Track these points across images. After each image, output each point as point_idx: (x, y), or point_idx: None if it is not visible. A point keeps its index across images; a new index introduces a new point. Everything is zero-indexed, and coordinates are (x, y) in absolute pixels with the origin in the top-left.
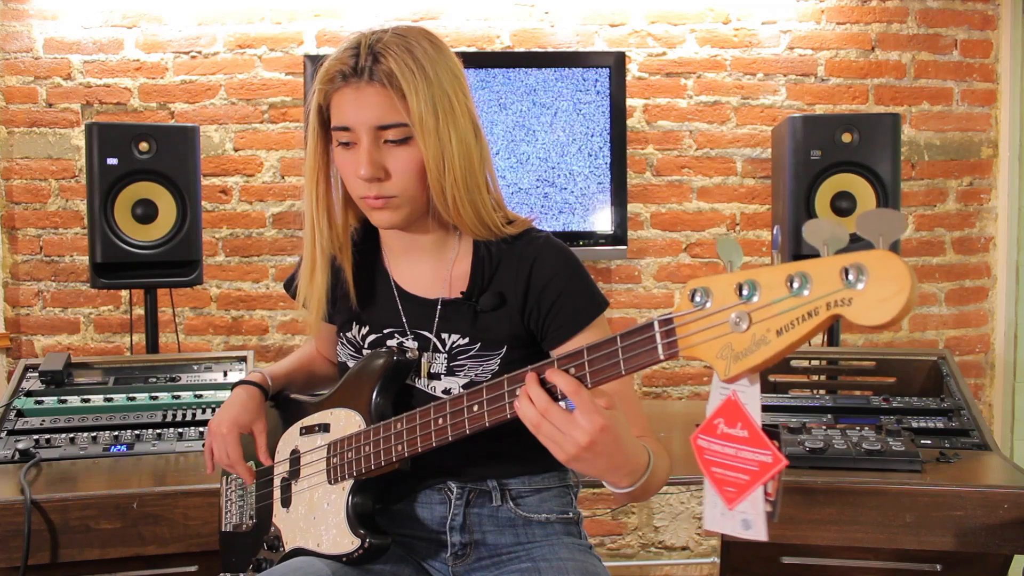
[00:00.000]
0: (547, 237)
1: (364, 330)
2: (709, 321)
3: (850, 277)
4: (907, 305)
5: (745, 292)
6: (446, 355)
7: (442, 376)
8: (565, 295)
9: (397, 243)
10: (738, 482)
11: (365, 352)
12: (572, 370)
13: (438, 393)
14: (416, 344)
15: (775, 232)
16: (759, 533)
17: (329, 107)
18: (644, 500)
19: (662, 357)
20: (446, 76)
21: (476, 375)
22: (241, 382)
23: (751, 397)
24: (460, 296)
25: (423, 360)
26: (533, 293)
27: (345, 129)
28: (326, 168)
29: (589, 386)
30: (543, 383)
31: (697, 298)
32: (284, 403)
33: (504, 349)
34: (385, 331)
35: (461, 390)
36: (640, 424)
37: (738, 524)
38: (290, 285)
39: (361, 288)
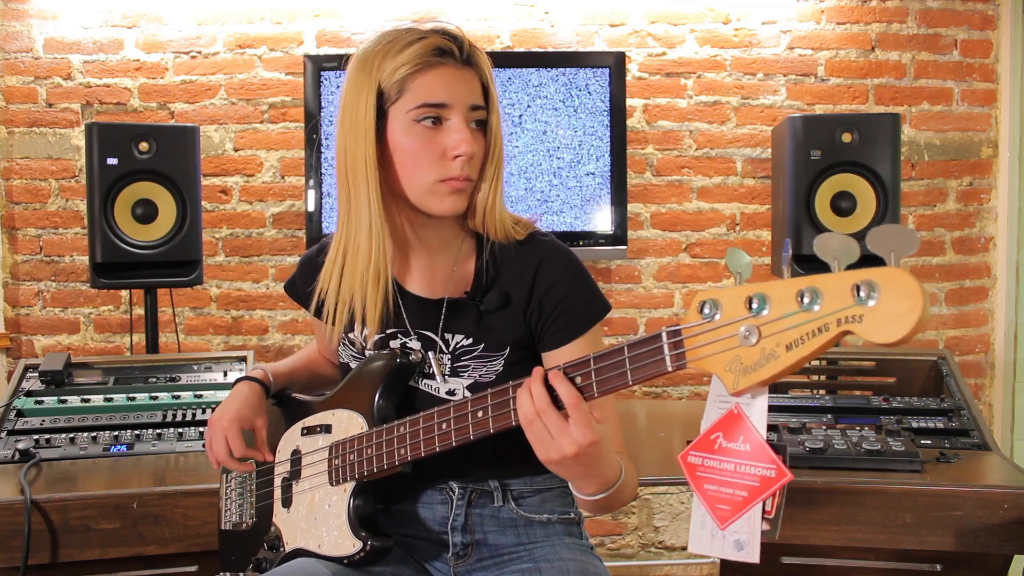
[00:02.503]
0: (552, 239)
1: (366, 331)
2: (718, 334)
3: (862, 294)
4: (919, 324)
5: (755, 305)
6: (450, 356)
7: (446, 377)
8: (567, 301)
9: (407, 243)
10: (734, 499)
11: (368, 353)
12: (579, 378)
13: (441, 394)
14: (419, 344)
15: (785, 245)
16: (752, 555)
17: (400, 88)
18: (604, 513)
19: (670, 368)
20: None
21: (480, 376)
22: (243, 378)
23: (757, 410)
24: (465, 295)
25: (433, 360)
26: (537, 295)
27: (439, 106)
28: (378, 155)
29: (596, 395)
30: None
31: (706, 310)
32: (285, 402)
33: (508, 350)
34: (387, 331)
35: (465, 391)
36: (618, 439)
37: (729, 545)
38: (292, 288)
39: None
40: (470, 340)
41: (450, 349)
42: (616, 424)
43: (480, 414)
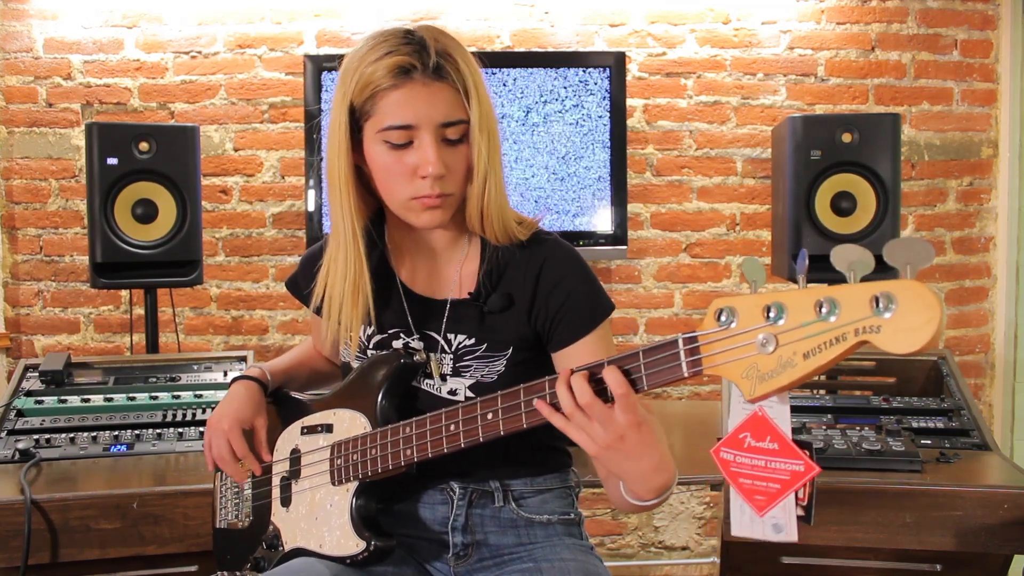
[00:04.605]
0: (555, 239)
1: (369, 330)
2: (735, 341)
3: (880, 305)
4: (936, 334)
5: (772, 314)
6: (452, 356)
7: (448, 377)
8: (572, 298)
9: (410, 244)
10: (768, 491)
11: (370, 353)
12: (593, 384)
13: (443, 394)
14: (422, 345)
15: (801, 254)
16: (790, 535)
17: (370, 107)
18: (642, 512)
19: (686, 374)
20: (484, 79)
21: (482, 376)
22: (240, 377)
23: (780, 413)
24: (468, 296)
25: (432, 360)
26: (541, 295)
27: (405, 128)
28: (354, 172)
29: (611, 399)
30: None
31: (723, 317)
32: (283, 401)
33: (510, 350)
34: (390, 331)
35: (467, 391)
36: None
37: (769, 528)
38: (294, 285)
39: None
40: (472, 340)
41: (452, 349)
42: None
43: (490, 416)
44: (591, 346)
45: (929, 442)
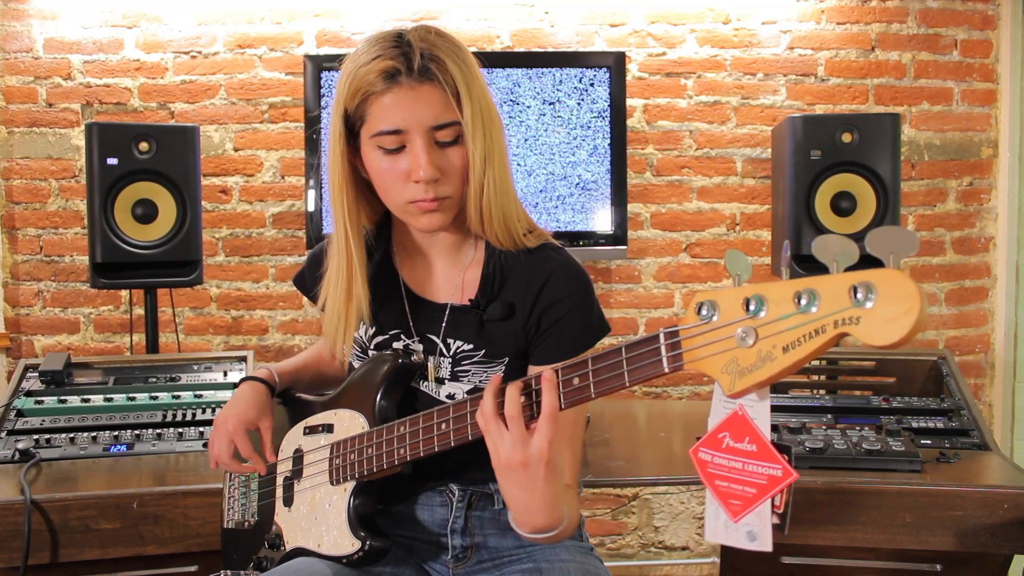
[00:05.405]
0: (566, 256)
1: (371, 331)
2: (715, 335)
3: (859, 295)
4: (916, 326)
5: (752, 307)
6: (451, 360)
7: (446, 381)
8: (565, 321)
9: (414, 246)
10: (744, 495)
11: (371, 353)
12: (576, 379)
13: (442, 397)
14: (422, 347)
15: (784, 247)
16: (764, 544)
17: (362, 112)
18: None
19: (667, 370)
20: (482, 78)
21: (480, 381)
22: (248, 378)
23: (760, 412)
24: (469, 303)
25: (430, 364)
26: (538, 309)
27: (395, 132)
28: (352, 176)
29: (593, 396)
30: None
31: (704, 311)
32: (289, 401)
33: (508, 357)
34: (391, 333)
35: (465, 395)
36: (572, 468)
37: (743, 536)
38: (301, 281)
39: (371, 290)
40: (471, 346)
41: (451, 353)
42: (575, 447)
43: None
44: None
45: (929, 442)
